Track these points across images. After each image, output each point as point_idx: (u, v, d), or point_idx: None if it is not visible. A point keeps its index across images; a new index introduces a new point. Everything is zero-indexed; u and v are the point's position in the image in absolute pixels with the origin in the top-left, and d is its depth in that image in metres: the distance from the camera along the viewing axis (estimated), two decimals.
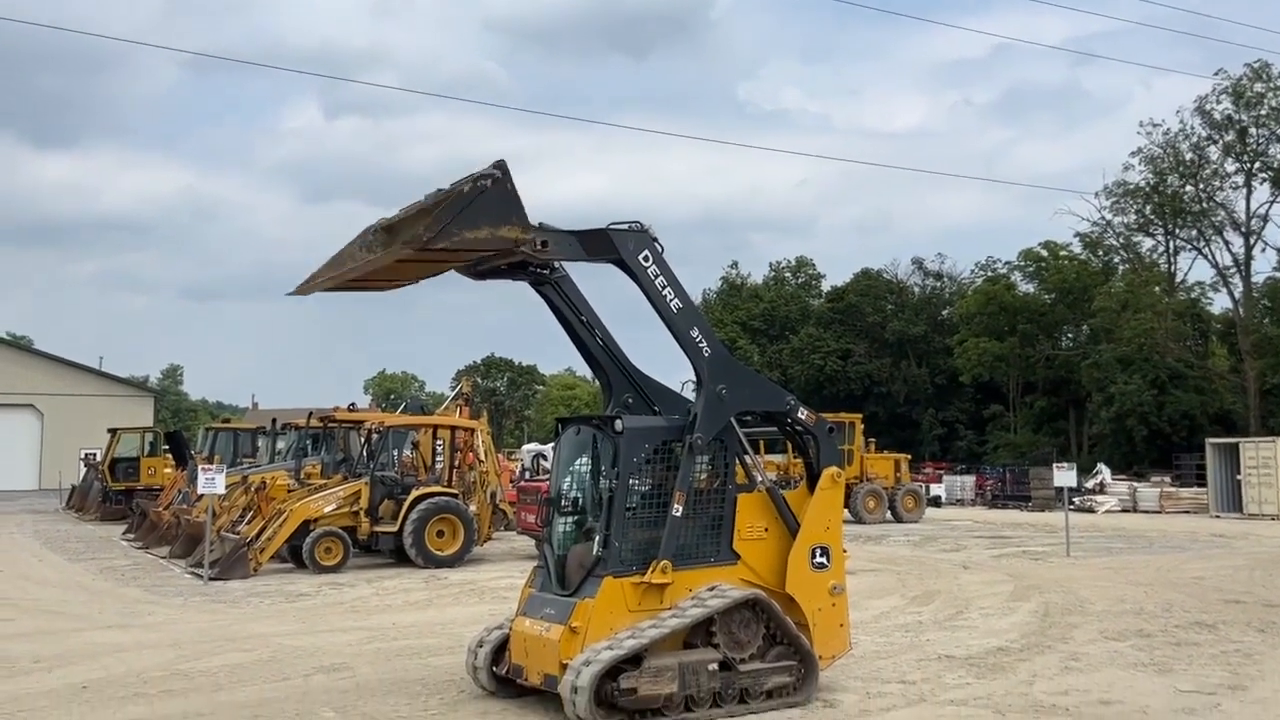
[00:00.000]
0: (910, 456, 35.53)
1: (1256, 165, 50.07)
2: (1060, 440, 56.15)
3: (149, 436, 35.07)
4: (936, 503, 38.49)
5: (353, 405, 27.14)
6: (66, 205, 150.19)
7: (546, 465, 28.86)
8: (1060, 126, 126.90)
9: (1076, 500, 31.74)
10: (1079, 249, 58.38)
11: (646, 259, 7.97)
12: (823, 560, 8.55)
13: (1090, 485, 37.89)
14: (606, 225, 7.92)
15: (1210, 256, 52.55)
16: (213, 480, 16.54)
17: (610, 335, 8.65)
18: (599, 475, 8.32)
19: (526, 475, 30.50)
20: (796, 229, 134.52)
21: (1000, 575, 16.99)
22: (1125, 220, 54.43)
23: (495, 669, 8.53)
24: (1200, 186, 51.41)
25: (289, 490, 19.36)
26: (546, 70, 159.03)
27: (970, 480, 43.56)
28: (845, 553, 8.86)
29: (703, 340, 8.18)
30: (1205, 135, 50.75)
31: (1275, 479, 32.30)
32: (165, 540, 21.50)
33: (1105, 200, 53.50)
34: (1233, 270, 51.81)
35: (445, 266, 7.91)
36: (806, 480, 8.84)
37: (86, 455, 37.46)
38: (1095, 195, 54.27)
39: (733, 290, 75.58)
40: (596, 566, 7.94)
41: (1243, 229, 50.91)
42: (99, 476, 32.80)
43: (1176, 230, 53.54)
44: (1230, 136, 50.13)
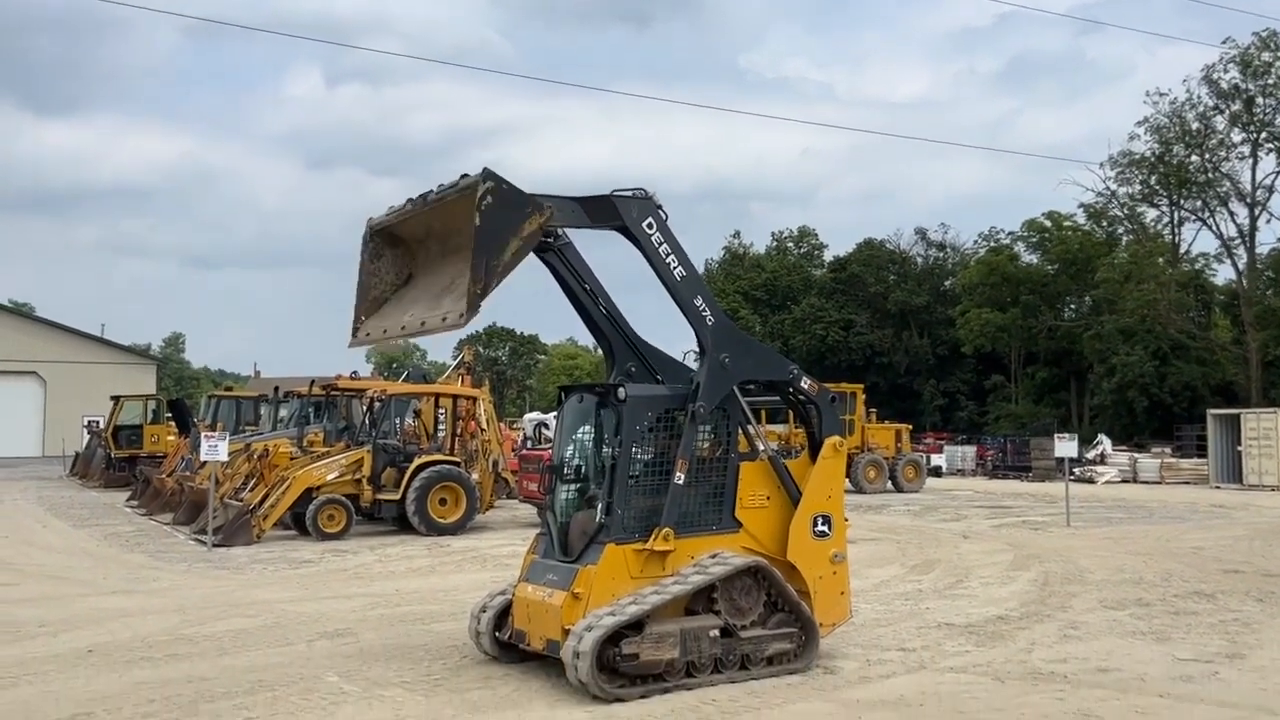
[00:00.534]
0: (911, 427, 35.59)
1: (1263, 135, 49.69)
2: (1061, 411, 56.14)
3: (152, 404, 35.15)
4: (937, 473, 38.59)
5: (355, 373, 27.25)
6: (67, 172, 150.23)
7: (548, 434, 28.94)
8: (1065, 96, 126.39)
9: (1077, 471, 31.81)
10: (1083, 219, 58.14)
11: (650, 226, 7.94)
12: (824, 529, 8.58)
13: (1091, 456, 37.97)
14: (610, 192, 7.88)
15: (1215, 227, 52.36)
16: (216, 447, 16.62)
17: (613, 303, 8.61)
18: (602, 443, 8.34)
19: (528, 444, 30.62)
20: (799, 198, 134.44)
21: (1000, 544, 17.06)
22: (1130, 190, 54.20)
23: (498, 634, 8.58)
24: (1206, 156, 51.03)
25: (291, 458, 19.41)
26: (547, 39, 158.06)
27: (971, 450, 43.61)
28: (846, 521, 8.89)
29: (706, 309, 8.15)
30: (1212, 105, 50.41)
31: (1276, 450, 32.35)
32: (169, 507, 21.61)
33: (1110, 170, 53.25)
34: (1237, 241, 51.62)
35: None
36: (809, 449, 8.86)
37: (90, 422, 37.47)
38: (1100, 165, 54.09)
39: (735, 260, 75.31)
40: (599, 533, 7.96)
41: (1248, 200, 50.68)
42: (102, 443, 32.90)
43: (1181, 201, 53.23)
44: (1237, 106, 49.72)
